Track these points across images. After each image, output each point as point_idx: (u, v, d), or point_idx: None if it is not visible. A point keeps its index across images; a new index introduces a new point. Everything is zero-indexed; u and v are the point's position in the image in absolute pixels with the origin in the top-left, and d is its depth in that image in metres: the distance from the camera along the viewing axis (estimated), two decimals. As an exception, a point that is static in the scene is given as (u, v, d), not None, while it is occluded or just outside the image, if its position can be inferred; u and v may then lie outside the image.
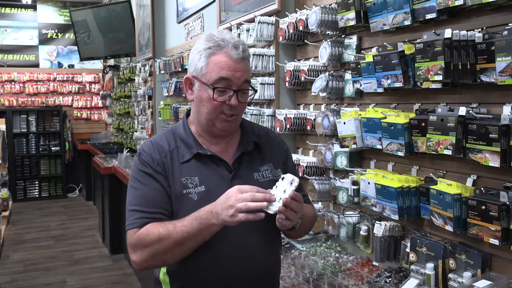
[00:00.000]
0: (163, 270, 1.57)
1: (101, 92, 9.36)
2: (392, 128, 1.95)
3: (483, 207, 1.59)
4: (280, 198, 1.38)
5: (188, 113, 1.65)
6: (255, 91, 1.57)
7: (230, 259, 1.50)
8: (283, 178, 1.43)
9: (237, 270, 1.50)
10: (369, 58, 2.06)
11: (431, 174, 1.92)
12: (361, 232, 2.21)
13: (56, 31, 9.74)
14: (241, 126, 1.64)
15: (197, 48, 1.52)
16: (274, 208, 1.37)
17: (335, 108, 2.48)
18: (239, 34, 3.19)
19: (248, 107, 3.13)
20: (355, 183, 2.27)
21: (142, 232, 1.44)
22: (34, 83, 9.39)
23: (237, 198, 1.33)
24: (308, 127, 2.67)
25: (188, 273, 1.51)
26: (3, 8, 9.43)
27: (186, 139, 1.56)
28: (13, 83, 9.26)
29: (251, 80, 1.60)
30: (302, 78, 2.67)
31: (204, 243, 1.43)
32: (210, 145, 1.57)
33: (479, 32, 1.67)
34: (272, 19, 2.92)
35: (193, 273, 1.51)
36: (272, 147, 1.67)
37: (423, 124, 1.82)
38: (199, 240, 1.40)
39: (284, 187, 1.40)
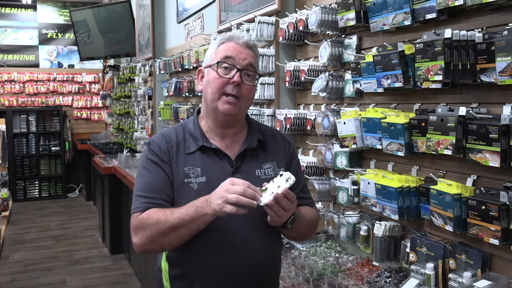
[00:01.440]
0: (164, 257, 1.62)
1: (101, 92, 9.36)
2: (392, 128, 1.95)
3: (483, 207, 1.59)
4: (272, 192, 1.39)
5: (198, 111, 1.71)
6: (260, 75, 1.65)
7: (227, 253, 1.52)
8: (281, 175, 1.45)
9: (233, 265, 1.53)
10: (369, 58, 2.06)
11: (431, 174, 1.92)
12: (361, 232, 2.21)
13: (56, 31, 9.74)
14: (248, 124, 1.70)
15: (212, 44, 1.66)
16: (264, 200, 1.39)
17: (335, 108, 2.48)
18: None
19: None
20: (355, 183, 2.27)
21: (143, 216, 1.50)
22: (34, 83, 9.39)
23: (228, 189, 1.37)
24: (308, 127, 2.68)
25: (185, 262, 1.56)
26: (3, 8, 9.43)
27: (194, 132, 1.63)
28: (13, 83, 9.26)
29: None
30: (302, 78, 2.67)
31: (203, 235, 1.48)
32: (216, 139, 1.62)
33: (479, 32, 1.67)
34: (272, 19, 2.92)
35: (190, 262, 1.55)
36: (277, 146, 1.70)
37: (423, 124, 1.82)
38: (194, 227, 1.44)
39: (279, 183, 1.42)
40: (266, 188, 1.42)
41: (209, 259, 1.53)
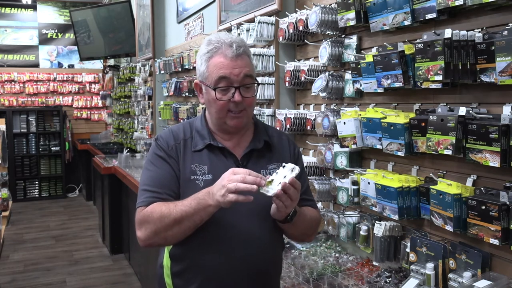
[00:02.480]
0: (166, 254, 1.63)
1: (101, 92, 9.36)
2: (392, 128, 1.95)
3: (483, 207, 1.59)
4: (280, 183, 1.40)
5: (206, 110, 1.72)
6: (258, 84, 1.63)
7: (229, 251, 1.54)
8: (284, 166, 1.46)
9: (235, 262, 1.54)
10: (369, 58, 2.06)
11: (431, 174, 1.92)
12: (361, 232, 2.21)
13: (56, 31, 9.74)
14: (255, 125, 1.70)
15: (199, 54, 1.61)
16: (272, 190, 1.40)
17: (335, 108, 2.48)
18: (239, 34, 3.19)
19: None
20: (355, 183, 2.27)
21: (148, 210, 1.52)
22: (34, 83, 9.38)
23: (229, 179, 1.38)
24: (308, 127, 2.68)
25: (187, 258, 1.57)
26: (3, 8, 9.43)
27: (201, 130, 1.64)
28: (13, 83, 9.26)
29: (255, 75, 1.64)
30: (302, 78, 2.67)
31: (205, 231, 1.49)
32: (223, 140, 1.63)
33: (479, 32, 1.67)
34: (272, 19, 2.92)
35: (193, 259, 1.56)
36: (283, 148, 1.71)
37: (423, 124, 1.82)
38: (197, 220, 1.45)
39: (285, 174, 1.43)
40: (272, 180, 1.43)
41: (211, 255, 1.54)
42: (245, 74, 1.54)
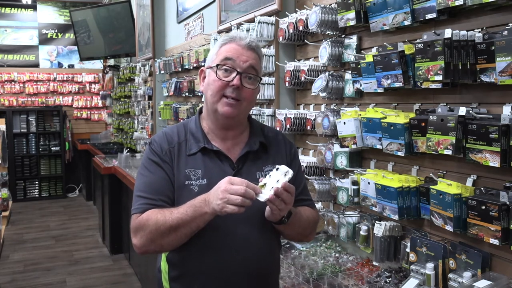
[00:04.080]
0: (164, 258, 1.62)
1: (101, 92, 9.36)
2: (392, 128, 1.95)
3: (483, 207, 1.59)
4: (272, 187, 1.39)
5: (201, 110, 1.70)
6: (260, 78, 1.63)
7: (226, 254, 1.53)
8: (277, 169, 1.45)
9: (232, 265, 1.53)
10: (369, 58, 2.06)
11: (431, 174, 1.92)
12: (361, 232, 2.21)
13: (56, 31, 9.74)
14: (250, 126, 1.69)
15: (215, 44, 1.63)
16: (265, 196, 1.39)
17: (335, 108, 2.48)
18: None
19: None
20: (355, 183, 2.27)
21: (143, 217, 1.50)
22: (34, 83, 9.39)
23: (227, 190, 1.36)
24: (308, 127, 2.67)
25: (185, 263, 1.56)
26: (3, 8, 9.43)
27: (195, 133, 1.62)
28: (13, 83, 9.26)
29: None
30: (302, 78, 2.67)
31: (202, 236, 1.48)
32: (218, 141, 1.61)
33: (479, 32, 1.67)
34: (272, 19, 2.92)
35: (190, 264, 1.55)
36: (279, 148, 1.70)
37: (423, 124, 1.82)
38: (194, 227, 1.45)
39: (278, 177, 1.42)
40: (265, 184, 1.42)
41: (208, 260, 1.53)
42: (251, 65, 1.55)
